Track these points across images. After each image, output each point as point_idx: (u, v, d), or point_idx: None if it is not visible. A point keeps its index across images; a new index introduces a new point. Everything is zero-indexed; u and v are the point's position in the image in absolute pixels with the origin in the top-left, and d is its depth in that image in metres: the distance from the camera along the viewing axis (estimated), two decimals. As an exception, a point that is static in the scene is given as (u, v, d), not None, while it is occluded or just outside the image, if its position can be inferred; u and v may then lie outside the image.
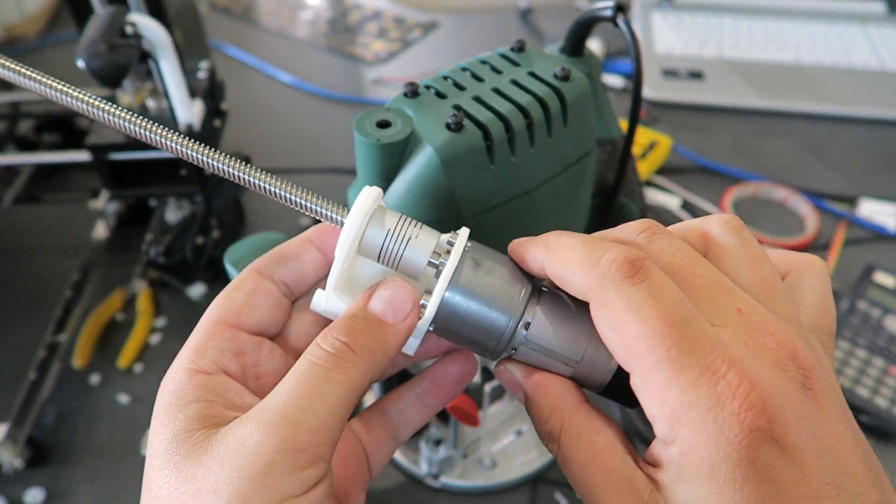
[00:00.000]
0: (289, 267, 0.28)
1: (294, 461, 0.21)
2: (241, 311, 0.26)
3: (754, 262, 0.23)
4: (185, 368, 0.24)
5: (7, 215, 0.70)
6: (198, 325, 0.26)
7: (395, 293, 0.25)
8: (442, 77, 0.34)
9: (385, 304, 0.25)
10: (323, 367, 0.23)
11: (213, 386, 0.24)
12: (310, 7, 1.16)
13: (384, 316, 0.25)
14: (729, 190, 0.77)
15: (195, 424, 0.23)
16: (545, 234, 0.25)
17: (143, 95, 0.61)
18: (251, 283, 0.27)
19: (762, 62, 0.97)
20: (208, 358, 0.25)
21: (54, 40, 1.06)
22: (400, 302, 0.25)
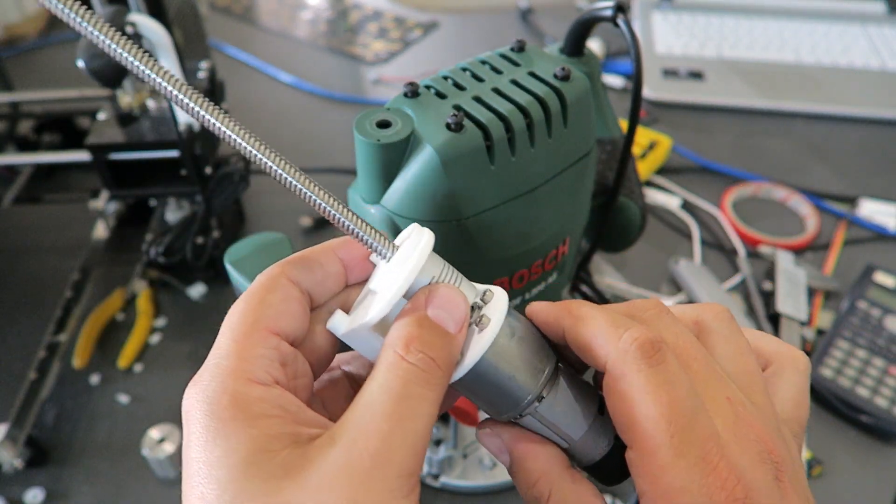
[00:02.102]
0: (315, 276, 0.26)
1: (408, 485, 0.21)
2: (279, 317, 0.24)
3: (741, 355, 0.26)
4: (237, 377, 0.22)
5: (7, 215, 0.70)
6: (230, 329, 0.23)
7: (450, 300, 0.24)
8: (442, 77, 0.34)
9: (445, 312, 0.24)
10: (416, 385, 0.22)
11: (275, 399, 0.22)
12: (310, 7, 1.16)
13: (445, 325, 0.24)
14: (729, 190, 0.77)
15: (275, 443, 0.21)
16: (567, 301, 0.27)
17: (143, 95, 0.61)
18: (284, 288, 0.25)
19: (762, 62, 0.97)
20: (260, 367, 0.22)
21: (54, 40, 1.06)
22: (456, 310, 0.24)
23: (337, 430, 0.21)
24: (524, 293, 0.38)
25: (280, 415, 0.21)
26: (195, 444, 0.21)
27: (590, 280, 0.50)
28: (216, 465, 0.20)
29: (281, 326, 0.24)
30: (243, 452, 0.20)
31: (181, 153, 0.58)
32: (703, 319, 0.27)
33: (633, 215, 0.45)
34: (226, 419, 0.21)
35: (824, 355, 0.58)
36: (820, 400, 0.57)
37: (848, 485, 0.52)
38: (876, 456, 0.54)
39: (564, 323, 0.26)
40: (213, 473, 0.20)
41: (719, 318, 0.27)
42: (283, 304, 0.24)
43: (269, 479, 0.20)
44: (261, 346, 0.23)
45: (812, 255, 0.71)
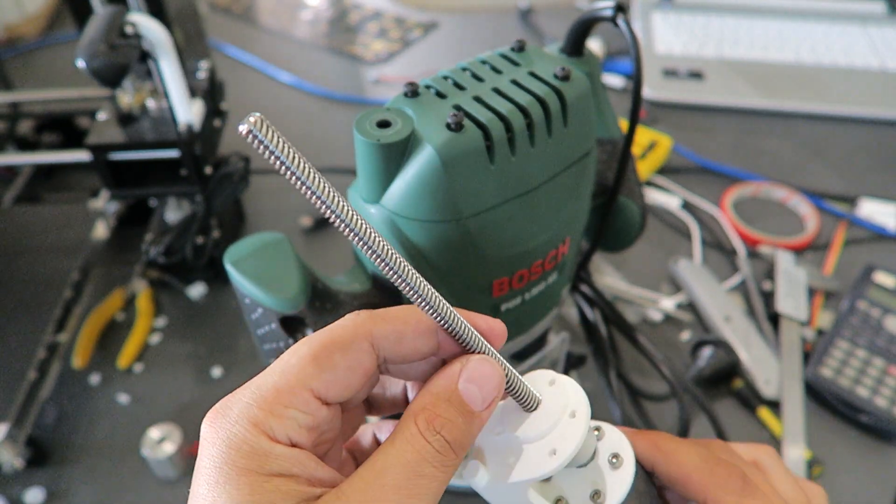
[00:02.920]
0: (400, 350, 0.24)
1: None
2: (334, 386, 0.23)
3: (795, 487, 0.32)
4: (261, 431, 0.21)
5: (7, 215, 0.70)
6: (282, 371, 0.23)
7: (484, 376, 0.24)
8: (442, 77, 0.34)
9: (476, 388, 0.24)
10: (430, 465, 0.22)
11: (293, 458, 0.22)
12: (310, 7, 1.16)
13: (474, 402, 0.24)
14: (729, 190, 0.77)
15: (284, 499, 0.21)
16: (654, 434, 0.30)
17: (143, 95, 0.61)
18: (359, 353, 0.23)
19: (762, 62, 0.97)
20: (287, 428, 0.22)
21: (54, 40, 1.06)
22: (490, 388, 0.24)
23: (345, 491, 0.21)
24: (524, 293, 0.38)
25: (296, 474, 0.21)
26: (204, 479, 0.21)
27: (590, 280, 0.50)
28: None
29: (330, 394, 0.23)
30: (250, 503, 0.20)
31: (181, 153, 0.58)
32: (760, 459, 0.33)
33: (633, 215, 0.45)
34: (240, 469, 0.21)
35: (824, 355, 0.58)
36: (820, 400, 0.57)
37: (848, 485, 0.52)
38: (876, 456, 0.54)
39: (655, 458, 0.30)
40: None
41: (772, 457, 0.33)
42: (346, 375, 0.23)
43: None
44: (299, 409, 0.22)
45: (812, 255, 0.71)
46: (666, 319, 0.64)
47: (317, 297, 0.35)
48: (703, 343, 0.59)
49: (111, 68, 0.47)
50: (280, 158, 0.20)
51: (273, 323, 0.34)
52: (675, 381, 0.47)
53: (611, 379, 0.50)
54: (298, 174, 0.20)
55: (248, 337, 0.63)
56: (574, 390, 0.25)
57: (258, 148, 0.20)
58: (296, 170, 0.20)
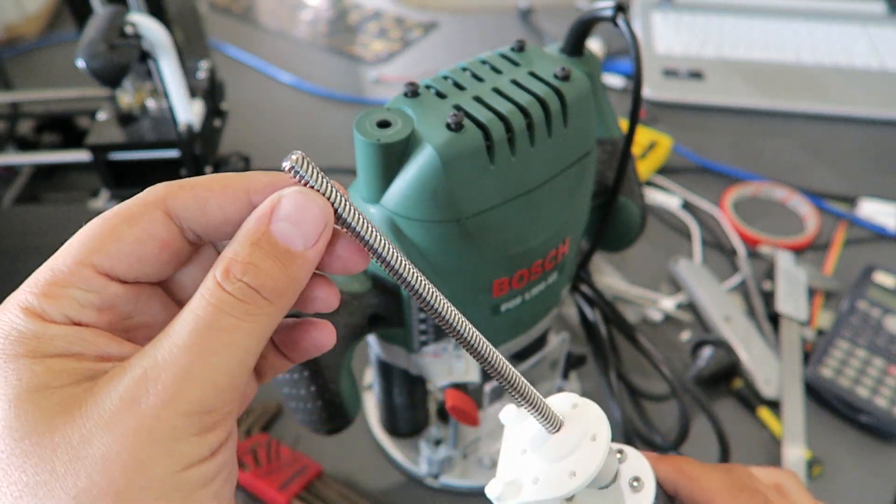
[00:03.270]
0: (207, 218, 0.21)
1: (201, 423, 0.19)
2: (121, 258, 0.20)
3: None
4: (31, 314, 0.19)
5: (7, 215, 0.70)
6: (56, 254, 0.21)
7: (301, 209, 0.21)
8: (442, 77, 0.34)
9: (292, 225, 0.21)
10: (230, 316, 0.19)
11: (72, 337, 0.19)
12: (310, 7, 1.16)
13: (291, 242, 0.20)
14: (729, 190, 0.77)
15: (58, 379, 0.19)
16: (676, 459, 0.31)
17: (143, 95, 0.61)
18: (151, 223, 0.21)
19: (762, 62, 0.97)
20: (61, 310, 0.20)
21: (54, 40, 1.06)
22: (309, 221, 0.21)
23: (132, 361, 0.19)
24: (524, 293, 0.38)
25: (77, 353, 0.19)
26: None
27: (590, 280, 0.50)
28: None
29: (121, 268, 0.21)
30: (17, 389, 0.18)
31: (181, 153, 0.58)
32: (782, 484, 0.33)
33: (633, 215, 0.45)
34: (8, 356, 0.19)
35: (824, 355, 0.58)
36: (820, 400, 0.57)
37: (848, 485, 0.52)
38: (876, 456, 0.54)
39: (679, 483, 0.30)
40: None
41: (794, 482, 0.34)
42: (135, 246, 0.21)
43: (44, 416, 0.18)
44: (75, 286, 0.20)
45: (812, 255, 0.71)
46: (666, 319, 0.64)
47: (317, 297, 0.35)
48: (703, 343, 0.59)
49: (111, 68, 0.47)
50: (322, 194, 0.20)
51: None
52: (675, 381, 0.47)
53: (611, 379, 0.50)
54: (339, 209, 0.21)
55: (248, 337, 0.62)
56: (596, 414, 0.26)
57: (300, 183, 0.20)
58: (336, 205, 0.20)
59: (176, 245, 0.21)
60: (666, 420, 0.56)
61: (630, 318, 0.64)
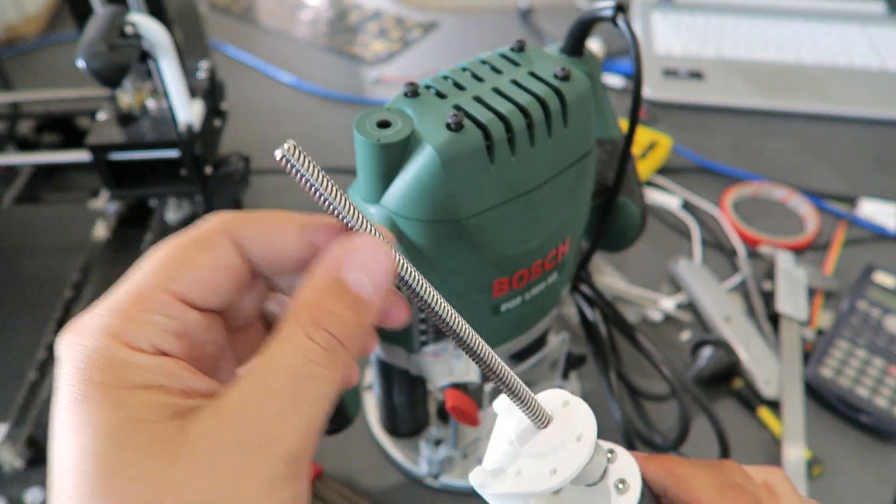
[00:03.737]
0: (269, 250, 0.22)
1: (293, 469, 0.19)
2: (196, 286, 0.21)
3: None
4: (118, 341, 0.19)
5: (7, 215, 0.70)
6: (138, 279, 0.21)
7: (373, 259, 0.21)
8: (442, 77, 0.34)
9: (363, 275, 0.21)
10: (316, 365, 0.20)
11: (159, 368, 0.20)
12: (310, 7, 1.16)
13: (361, 290, 0.21)
14: (729, 190, 0.77)
15: (151, 414, 0.18)
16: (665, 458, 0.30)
17: (143, 95, 0.61)
18: (220, 252, 0.21)
19: (762, 62, 0.97)
20: (148, 334, 0.20)
21: (54, 40, 1.06)
22: (380, 271, 0.21)
23: (224, 404, 0.19)
24: (524, 293, 0.38)
25: (164, 385, 0.19)
26: (63, 402, 0.19)
27: (590, 280, 0.50)
28: (80, 430, 0.18)
29: (197, 296, 0.21)
30: (113, 422, 0.18)
31: (181, 153, 0.58)
32: (771, 482, 0.33)
33: (633, 215, 0.45)
34: (98, 384, 0.18)
35: (824, 355, 0.58)
36: (820, 400, 0.57)
37: (848, 485, 0.52)
38: (876, 456, 0.54)
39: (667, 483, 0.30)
40: (76, 439, 0.18)
41: (783, 480, 0.33)
42: (209, 273, 0.21)
43: (140, 452, 0.18)
44: (157, 313, 0.20)
45: (812, 255, 0.71)
46: (666, 319, 0.64)
47: (317, 297, 0.35)
48: (703, 343, 0.59)
49: (111, 68, 0.47)
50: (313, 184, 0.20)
51: (273, 323, 0.34)
52: (675, 381, 0.47)
53: (611, 379, 0.50)
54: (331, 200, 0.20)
55: (248, 337, 0.62)
56: (585, 414, 0.26)
57: (291, 172, 0.20)
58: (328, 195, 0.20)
59: (241, 274, 0.22)
60: (666, 420, 0.56)
61: (630, 318, 0.64)
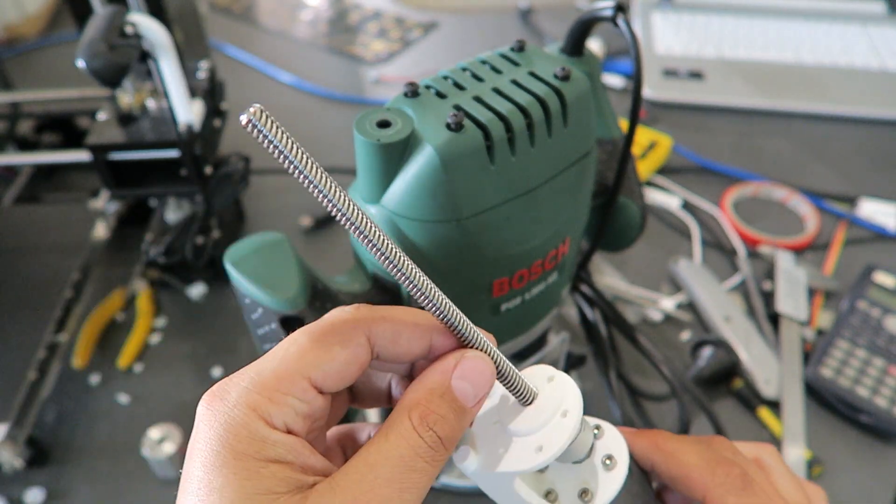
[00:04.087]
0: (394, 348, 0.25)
1: None
2: (332, 377, 0.23)
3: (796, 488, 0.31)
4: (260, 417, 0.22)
5: (7, 215, 0.70)
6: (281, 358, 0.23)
7: (478, 373, 0.24)
8: (442, 77, 0.34)
9: (468, 384, 0.24)
10: (422, 460, 0.22)
11: (289, 446, 0.22)
12: (310, 7, 1.16)
13: (465, 399, 0.24)
14: (729, 190, 0.77)
15: (279, 486, 0.21)
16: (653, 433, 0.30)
17: (143, 95, 0.61)
18: (356, 347, 0.24)
19: (762, 62, 0.97)
20: (285, 415, 0.22)
21: (54, 40, 1.06)
22: (482, 384, 0.24)
23: (339, 482, 0.21)
24: (524, 293, 0.38)
25: (290, 461, 0.22)
26: (200, 461, 0.21)
27: (590, 280, 0.50)
28: (216, 492, 0.20)
29: (326, 384, 0.23)
30: (248, 489, 0.20)
31: (181, 153, 0.58)
32: (762, 457, 0.32)
33: (633, 215, 0.45)
34: (237, 453, 0.21)
35: (824, 355, 0.58)
36: (820, 400, 0.57)
37: (848, 485, 0.52)
38: (876, 456, 0.54)
39: (655, 458, 0.30)
40: (211, 498, 0.20)
41: (774, 456, 0.33)
42: (344, 367, 0.23)
43: None
44: (297, 396, 0.22)
45: (812, 255, 0.71)
46: (666, 319, 0.64)
47: (317, 297, 0.35)
48: (703, 343, 0.59)
49: (111, 68, 0.47)
50: (280, 149, 0.20)
51: (273, 323, 0.34)
52: (675, 381, 0.47)
53: (611, 379, 0.50)
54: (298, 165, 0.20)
55: (248, 337, 0.63)
56: (571, 389, 0.26)
57: (258, 138, 0.20)
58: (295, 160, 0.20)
59: (366, 364, 0.24)
60: (666, 420, 0.56)
61: (630, 318, 0.64)
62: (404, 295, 0.36)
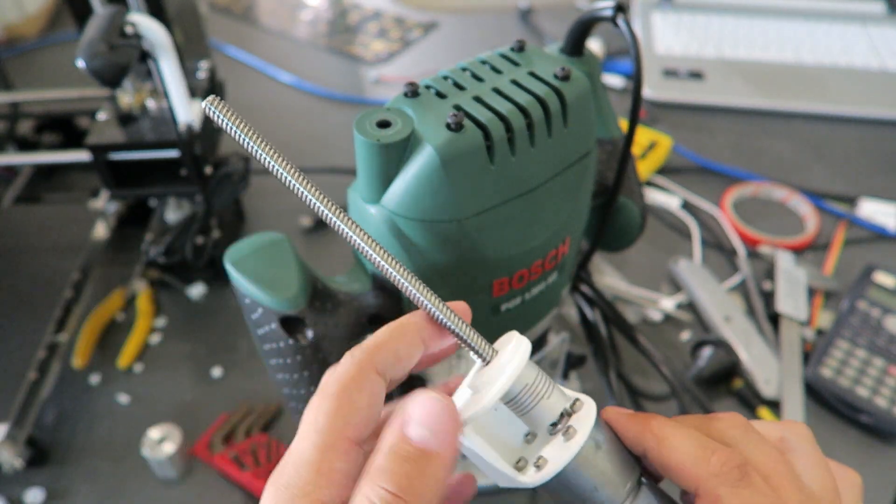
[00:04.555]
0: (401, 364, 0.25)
1: None
2: (365, 424, 0.23)
3: (823, 473, 0.27)
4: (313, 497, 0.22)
5: (7, 215, 0.70)
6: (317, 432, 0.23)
7: (431, 413, 0.24)
8: (442, 77, 0.34)
9: (424, 429, 0.23)
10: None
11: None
12: (310, 7, 1.16)
13: (427, 445, 0.23)
14: (729, 190, 0.77)
15: None
16: (645, 417, 0.28)
17: (143, 95, 0.61)
18: (372, 384, 0.24)
19: (762, 62, 0.97)
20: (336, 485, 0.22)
21: (54, 40, 1.06)
22: (441, 424, 0.24)
23: None
24: (524, 293, 0.38)
25: None
26: None
27: (590, 280, 0.50)
28: None
29: (361, 434, 0.23)
30: None
31: (181, 153, 0.58)
32: (788, 438, 0.29)
33: (633, 215, 0.45)
34: None
35: (824, 355, 0.58)
36: (820, 400, 0.57)
37: (848, 485, 0.52)
38: (876, 456, 0.54)
39: (647, 443, 0.27)
40: None
41: (802, 437, 0.29)
42: (369, 409, 0.24)
43: None
44: (342, 461, 0.22)
45: (812, 255, 0.71)
46: (666, 319, 0.64)
47: (317, 297, 0.35)
48: (703, 343, 0.59)
49: (111, 68, 0.47)
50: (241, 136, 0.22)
51: (273, 323, 0.34)
52: (675, 381, 0.47)
53: (611, 379, 0.50)
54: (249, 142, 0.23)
55: (249, 337, 0.62)
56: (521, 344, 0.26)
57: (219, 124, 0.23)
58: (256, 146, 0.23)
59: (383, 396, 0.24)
60: (666, 420, 0.56)
61: (630, 318, 0.64)
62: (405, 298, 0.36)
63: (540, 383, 0.26)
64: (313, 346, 0.34)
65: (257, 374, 0.60)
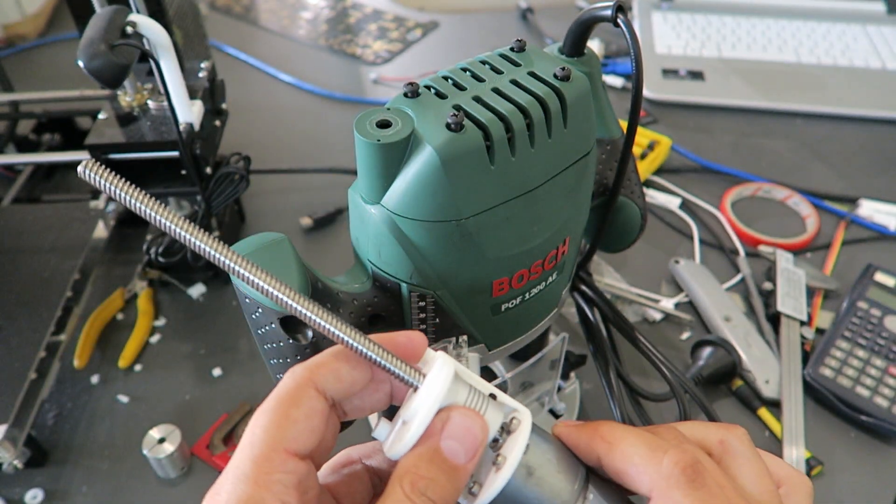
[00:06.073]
0: (343, 385, 0.25)
1: None
2: (301, 437, 0.24)
3: (762, 477, 0.27)
4: None
5: (7, 215, 0.70)
6: (251, 446, 0.23)
7: (467, 430, 0.25)
8: (442, 77, 0.34)
9: (458, 443, 0.24)
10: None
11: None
12: (310, 7, 1.16)
13: (456, 458, 0.24)
14: (729, 190, 0.77)
15: None
16: (598, 423, 0.27)
17: (144, 96, 0.61)
18: (310, 401, 0.24)
19: (762, 62, 0.97)
20: (276, 494, 0.22)
21: (54, 40, 1.06)
22: (472, 440, 0.25)
23: None
24: (524, 293, 0.38)
25: None
26: None
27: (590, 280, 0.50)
28: None
29: (301, 446, 0.24)
30: None
31: (181, 153, 0.58)
32: (727, 440, 0.28)
33: (633, 215, 0.45)
34: None
35: (824, 355, 0.58)
36: (820, 400, 0.57)
37: (848, 485, 0.52)
38: (876, 456, 0.54)
39: (598, 449, 0.27)
40: None
41: (741, 440, 0.28)
42: (307, 422, 0.24)
43: None
44: (279, 471, 0.23)
45: (812, 255, 0.71)
46: (666, 319, 0.64)
47: (317, 297, 0.35)
48: (703, 343, 0.59)
49: (111, 68, 0.47)
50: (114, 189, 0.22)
51: (273, 323, 0.34)
52: (675, 381, 0.47)
53: (611, 379, 0.50)
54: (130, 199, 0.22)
55: (248, 337, 0.63)
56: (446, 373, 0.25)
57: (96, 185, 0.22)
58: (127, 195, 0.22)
59: (326, 411, 0.25)
60: (666, 420, 0.56)
61: (630, 318, 0.64)
62: (405, 295, 0.36)
63: (472, 401, 0.26)
64: (313, 345, 0.34)
65: (257, 374, 0.60)
